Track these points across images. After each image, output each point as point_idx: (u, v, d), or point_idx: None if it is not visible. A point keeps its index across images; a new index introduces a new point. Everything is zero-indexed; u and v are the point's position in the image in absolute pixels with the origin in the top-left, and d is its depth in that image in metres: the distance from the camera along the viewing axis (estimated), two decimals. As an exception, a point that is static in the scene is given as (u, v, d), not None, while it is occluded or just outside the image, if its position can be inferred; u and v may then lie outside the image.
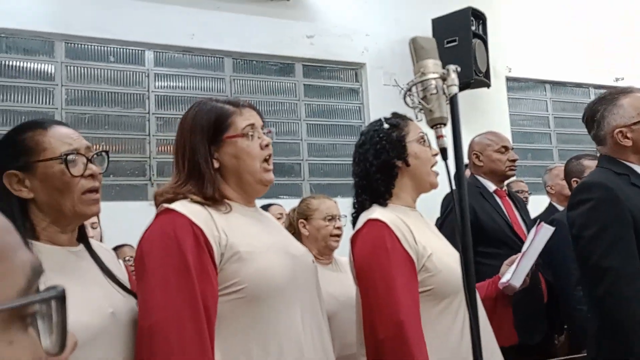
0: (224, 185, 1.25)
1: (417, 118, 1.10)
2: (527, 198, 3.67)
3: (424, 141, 1.52)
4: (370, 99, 4.56)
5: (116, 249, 3.17)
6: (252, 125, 1.26)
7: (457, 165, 1.01)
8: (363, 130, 1.59)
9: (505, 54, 5.15)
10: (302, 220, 2.30)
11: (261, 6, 4.28)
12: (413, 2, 4.73)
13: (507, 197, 2.51)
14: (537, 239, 1.83)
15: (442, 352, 1.34)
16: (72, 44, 3.80)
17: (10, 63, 3.63)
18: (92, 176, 1.15)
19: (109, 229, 2.89)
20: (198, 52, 4.12)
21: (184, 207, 1.16)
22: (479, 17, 4.62)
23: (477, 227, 2.36)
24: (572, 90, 5.61)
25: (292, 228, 2.35)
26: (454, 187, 0.98)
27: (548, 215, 2.81)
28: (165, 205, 1.17)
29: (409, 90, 1.09)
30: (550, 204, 3.11)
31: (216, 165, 1.24)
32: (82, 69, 3.81)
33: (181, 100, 4.03)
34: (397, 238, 1.38)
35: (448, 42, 4.47)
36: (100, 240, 2.57)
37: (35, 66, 3.70)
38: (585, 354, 1.72)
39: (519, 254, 1.83)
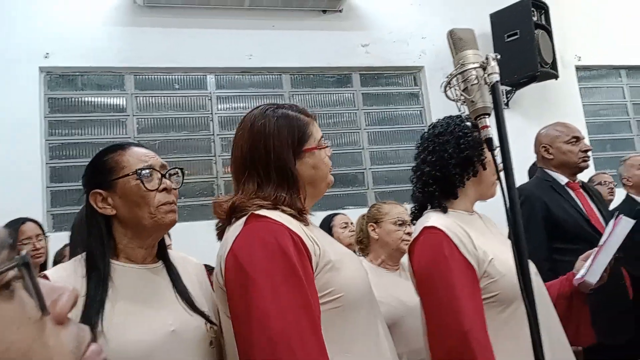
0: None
1: (459, 111, 1.07)
2: (612, 190, 3.43)
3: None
4: (431, 102, 4.47)
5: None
6: (323, 136, 1.25)
7: (503, 154, 0.97)
8: (438, 121, 1.55)
9: (573, 42, 4.90)
10: (372, 223, 2.31)
11: (314, 20, 4.35)
12: (468, -1, 4.63)
13: (581, 189, 2.36)
14: (616, 232, 1.71)
15: (515, 357, 1.27)
16: (140, 76, 4.02)
17: (86, 98, 3.90)
18: (167, 190, 1.21)
19: (182, 249, 2.99)
20: (256, 71, 4.24)
21: (274, 215, 1.09)
22: (541, 6, 4.43)
23: (551, 222, 2.25)
24: (650, 74, 5.24)
25: (363, 233, 2.35)
26: (501, 177, 0.94)
27: (626, 208, 2.62)
28: (255, 212, 1.09)
29: (449, 83, 1.06)
30: (628, 196, 2.90)
31: None
32: (151, 98, 4.02)
33: (243, 120, 4.14)
34: (455, 245, 1.34)
35: (509, 36, 4.32)
36: None
37: (108, 99, 3.95)
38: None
39: (595, 249, 1.71)
